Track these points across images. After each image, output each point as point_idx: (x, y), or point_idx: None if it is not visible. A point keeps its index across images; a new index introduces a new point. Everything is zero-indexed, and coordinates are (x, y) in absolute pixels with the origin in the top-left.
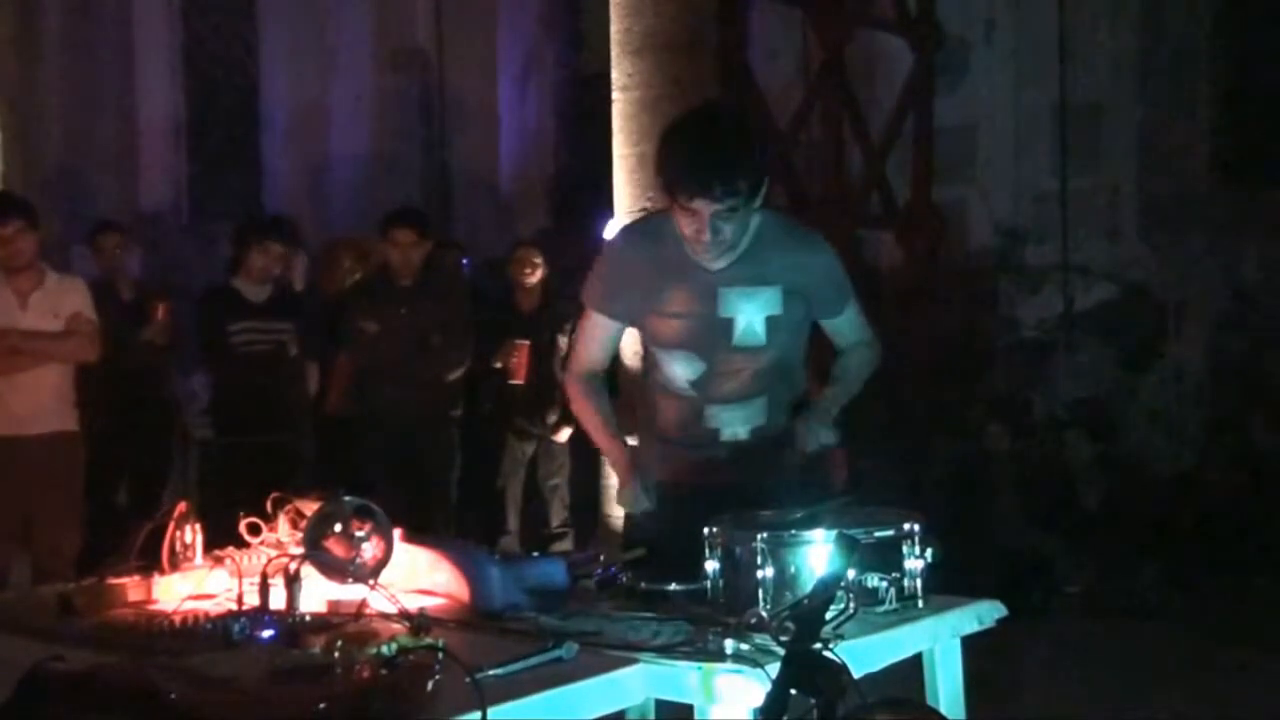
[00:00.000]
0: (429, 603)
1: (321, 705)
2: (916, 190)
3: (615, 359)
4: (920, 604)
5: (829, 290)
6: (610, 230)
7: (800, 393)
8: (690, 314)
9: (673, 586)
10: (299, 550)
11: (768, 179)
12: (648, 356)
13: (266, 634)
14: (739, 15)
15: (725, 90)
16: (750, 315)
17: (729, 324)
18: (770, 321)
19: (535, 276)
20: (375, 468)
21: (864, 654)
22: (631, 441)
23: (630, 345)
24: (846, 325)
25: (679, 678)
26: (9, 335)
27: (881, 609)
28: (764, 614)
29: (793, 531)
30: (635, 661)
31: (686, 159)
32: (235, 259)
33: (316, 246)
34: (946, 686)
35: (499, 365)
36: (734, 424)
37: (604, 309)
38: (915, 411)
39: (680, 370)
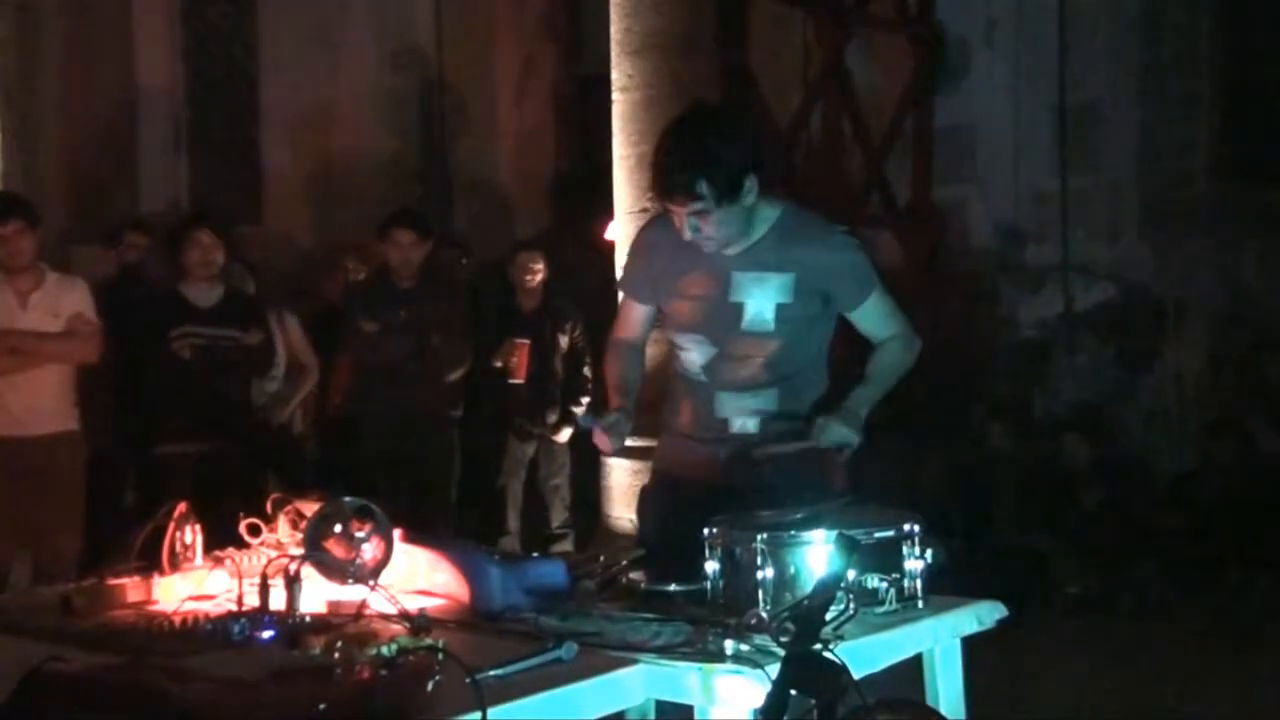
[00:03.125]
0: (429, 603)
1: (321, 706)
2: (916, 190)
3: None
4: (920, 604)
5: (847, 282)
6: (610, 230)
7: (821, 396)
8: (703, 297)
9: (673, 587)
10: (299, 551)
11: (752, 176)
12: (670, 347)
13: (266, 635)
14: (739, 15)
15: (725, 90)
16: (760, 301)
17: (739, 308)
18: (780, 309)
19: (536, 280)
20: (375, 468)
21: (864, 655)
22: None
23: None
24: (871, 318)
25: (679, 678)
26: (9, 335)
27: (881, 610)
28: (764, 614)
29: (793, 532)
30: (635, 662)
31: (654, 164)
32: (178, 265)
33: (316, 245)
34: (946, 687)
35: (499, 365)
36: (743, 414)
37: (632, 294)
38: (915, 411)
39: (694, 355)
